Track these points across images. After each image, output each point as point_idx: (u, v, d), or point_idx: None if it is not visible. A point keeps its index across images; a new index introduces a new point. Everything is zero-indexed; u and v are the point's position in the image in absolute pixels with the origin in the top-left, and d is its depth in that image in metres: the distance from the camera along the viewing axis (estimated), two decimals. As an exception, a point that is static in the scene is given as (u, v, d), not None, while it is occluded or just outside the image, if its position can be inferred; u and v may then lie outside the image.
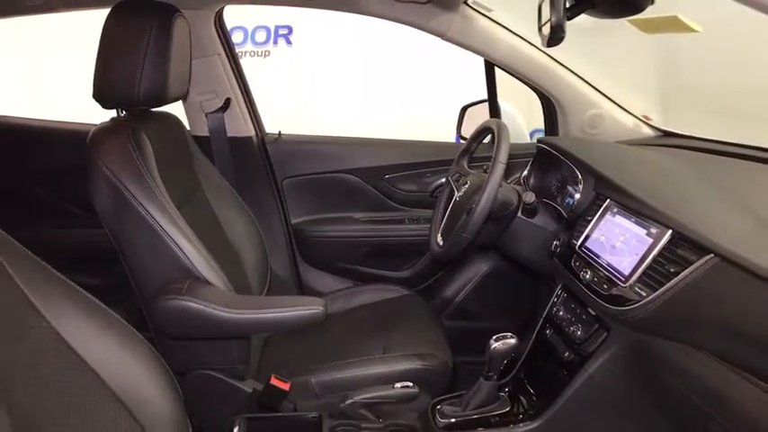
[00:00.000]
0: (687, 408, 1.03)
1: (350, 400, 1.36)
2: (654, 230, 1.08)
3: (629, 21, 1.20)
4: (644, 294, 1.04)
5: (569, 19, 1.10)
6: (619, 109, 1.82)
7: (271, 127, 2.00)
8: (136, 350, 0.86)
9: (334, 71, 4.06)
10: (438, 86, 3.87)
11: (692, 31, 1.17)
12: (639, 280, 1.07)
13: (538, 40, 1.60)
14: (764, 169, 1.36)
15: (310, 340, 1.55)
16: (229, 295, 1.28)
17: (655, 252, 1.06)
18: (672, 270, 1.00)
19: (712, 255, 0.93)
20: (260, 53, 4.06)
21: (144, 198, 1.18)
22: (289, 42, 4.20)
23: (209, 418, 1.36)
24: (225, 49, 1.77)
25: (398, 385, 1.37)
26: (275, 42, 4.20)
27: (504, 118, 1.95)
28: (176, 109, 1.50)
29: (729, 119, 1.90)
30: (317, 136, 2.03)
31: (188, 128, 1.65)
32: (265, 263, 1.67)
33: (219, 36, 1.74)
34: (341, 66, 4.05)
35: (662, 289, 1.00)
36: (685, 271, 0.97)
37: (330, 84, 4.06)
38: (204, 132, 1.80)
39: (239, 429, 1.29)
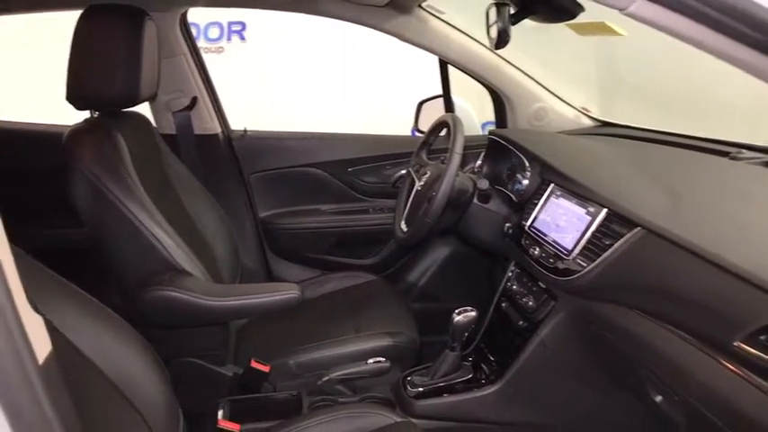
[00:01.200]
0: (622, 359, 1.19)
1: (326, 378, 1.47)
2: (592, 209, 1.24)
3: (565, 24, 1.34)
4: (584, 265, 1.19)
5: (513, 24, 1.24)
6: (561, 102, 1.99)
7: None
8: (128, 340, 0.92)
9: (289, 67, 4.09)
10: (393, 81, 3.96)
11: (618, 35, 1.33)
12: (580, 253, 1.22)
13: (487, 41, 1.75)
14: (687, 154, 1.54)
15: (285, 325, 1.65)
16: (209, 284, 1.37)
17: (593, 228, 1.21)
18: (607, 243, 1.16)
19: (640, 228, 1.09)
20: (213, 49, 4.06)
21: (123, 196, 1.24)
22: (242, 38, 4.22)
23: (193, 403, 1.44)
24: (190, 50, 1.84)
25: (371, 361, 1.49)
26: (229, 39, 4.21)
27: (458, 112, 2.08)
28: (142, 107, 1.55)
29: (658, 109, 2.10)
30: (282, 132, 2.12)
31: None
32: (236, 255, 1.75)
33: (184, 37, 1.81)
34: (295, 62, 4.09)
35: (599, 260, 1.16)
36: (618, 243, 1.13)
37: (285, 80, 4.10)
38: (171, 131, 1.86)
39: (224, 412, 1.38)
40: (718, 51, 0.56)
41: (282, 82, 4.07)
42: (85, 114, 1.36)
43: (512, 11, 1.22)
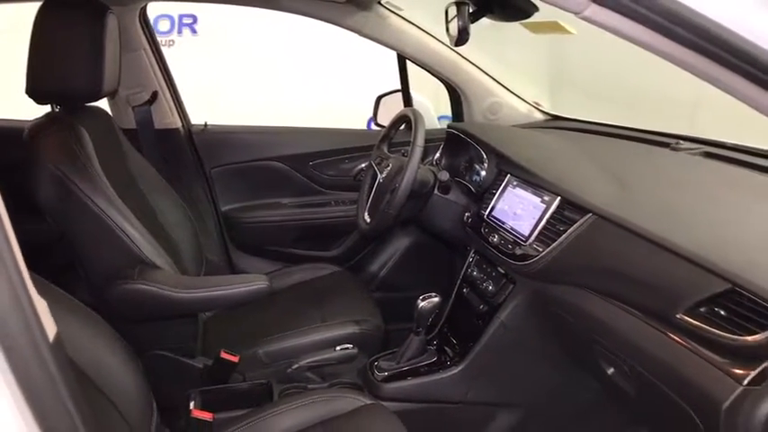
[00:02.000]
0: (577, 337, 1.28)
1: (296, 365, 1.51)
2: (546, 198, 1.32)
3: (519, 23, 1.42)
4: (540, 250, 1.27)
5: (472, 22, 1.30)
6: (514, 97, 2.08)
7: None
8: (100, 333, 0.94)
9: (241, 61, 4.06)
10: (345, 74, 3.99)
11: (569, 33, 1.41)
12: (537, 239, 1.30)
13: (444, 37, 1.81)
14: (631, 145, 1.65)
15: (252, 316, 1.67)
16: (178, 277, 1.38)
17: (547, 215, 1.30)
18: (561, 228, 1.24)
19: (591, 214, 1.18)
20: (164, 43, 3.98)
21: (91, 191, 1.24)
22: (194, 32, 4.15)
23: (164, 395, 1.45)
24: (150, 45, 1.82)
25: (338, 348, 1.54)
26: (180, 32, 4.13)
27: (416, 106, 2.14)
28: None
29: (605, 104, 2.22)
30: (243, 126, 2.13)
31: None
32: (199, 249, 1.76)
33: (144, 32, 1.80)
34: (248, 55, 4.06)
35: (554, 244, 1.24)
36: (571, 228, 1.21)
37: (237, 73, 4.06)
38: (131, 125, 1.85)
39: (195, 402, 1.40)
40: (663, 53, 0.64)
41: (234, 76, 4.03)
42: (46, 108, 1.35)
43: (471, 9, 1.28)
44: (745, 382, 0.83)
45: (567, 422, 1.52)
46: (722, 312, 0.89)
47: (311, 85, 4.05)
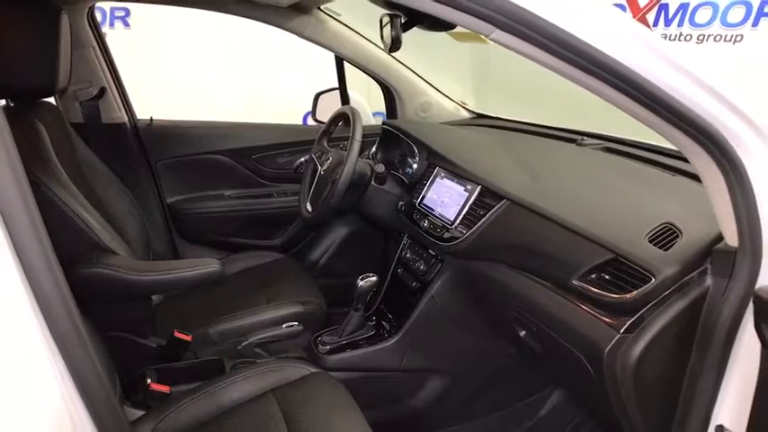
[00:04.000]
0: (495, 306, 1.48)
1: (245, 342, 1.63)
2: (469, 187, 1.51)
3: (446, 33, 1.60)
4: (464, 232, 1.46)
5: (404, 32, 1.46)
6: (443, 96, 2.27)
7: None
8: None
9: (175, 54, 4.04)
10: (281, 71, 4.05)
11: (485, 42, 1.60)
12: (461, 223, 1.49)
13: (378, 40, 1.97)
14: (543, 140, 1.87)
15: (202, 300, 1.77)
16: (134, 261, 1.47)
17: (470, 202, 1.49)
18: (481, 213, 1.44)
19: (506, 200, 1.38)
20: (96, 35, 3.91)
21: (50, 181, 1.31)
22: (126, 25, 4.10)
23: (122, 374, 1.53)
24: (97, 42, 1.88)
25: (285, 326, 1.68)
26: (111, 25, 4.07)
27: (352, 103, 2.30)
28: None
29: (525, 103, 2.45)
30: (188, 121, 2.20)
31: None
32: (147, 238, 1.84)
33: (92, 29, 1.85)
34: (182, 49, 4.04)
35: (475, 227, 1.43)
36: (489, 212, 1.41)
37: (170, 67, 4.04)
38: (78, 119, 1.90)
39: (151, 378, 1.49)
40: (551, 66, 0.82)
41: (166, 70, 4.00)
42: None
43: (402, 20, 1.44)
44: (622, 330, 1.04)
45: (489, 384, 1.73)
46: (607, 277, 1.10)
47: (245, 81, 4.08)
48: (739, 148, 0.84)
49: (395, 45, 1.47)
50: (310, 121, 3.82)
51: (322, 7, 1.95)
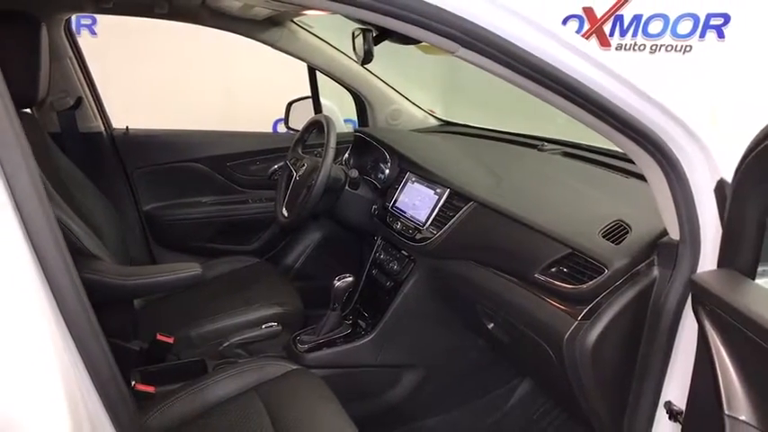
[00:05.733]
0: (464, 301, 1.57)
1: (226, 343, 1.68)
2: (438, 190, 1.60)
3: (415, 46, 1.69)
4: (435, 233, 1.56)
5: (376, 44, 1.55)
6: (412, 105, 2.37)
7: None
8: None
9: (143, 63, 4.03)
10: (250, 81, 4.08)
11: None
12: (432, 224, 1.58)
13: (349, 50, 2.06)
14: (507, 147, 1.98)
15: (182, 303, 1.81)
16: (118, 267, 1.51)
17: (440, 204, 1.58)
18: (450, 214, 1.53)
19: (473, 202, 1.47)
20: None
21: None
22: (93, 33, 4.08)
23: None
24: (74, 53, 1.91)
25: (264, 326, 1.74)
26: (78, 33, 4.04)
27: (325, 111, 2.37)
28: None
29: (490, 112, 2.57)
30: (163, 129, 2.24)
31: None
32: (125, 245, 1.87)
33: (69, 41, 1.88)
34: (151, 55, 4.03)
35: (444, 228, 1.53)
36: (458, 214, 1.51)
37: (137, 76, 4.03)
38: (55, 129, 1.92)
39: (135, 380, 1.53)
40: (517, 83, 0.91)
41: (133, 78, 3.99)
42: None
43: (374, 34, 1.53)
44: (579, 317, 1.14)
45: (461, 378, 1.82)
46: (565, 270, 1.20)
47: (215, 89, 4.10)
48: (677, 151, 0.95)
49: (367, 57, 1.56)
50: (280, 128, 3.87)
51: (295, 20, 2.02)
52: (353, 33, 1.64)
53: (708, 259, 1.00)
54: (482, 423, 1.80)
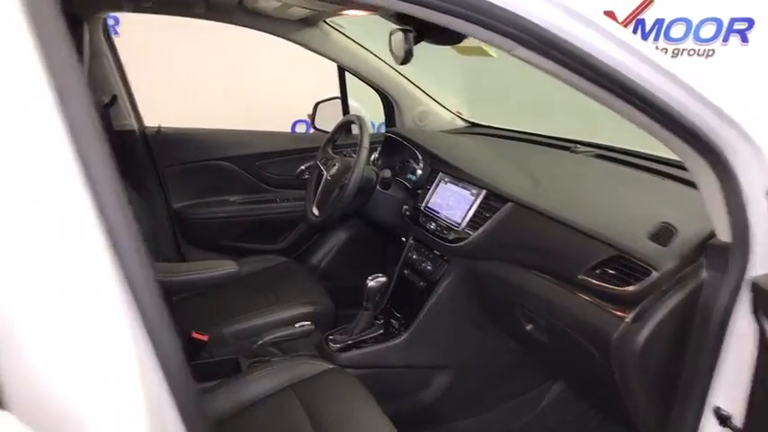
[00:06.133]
0: (501, 303, 1.57)
1: (260, 342, 1.69)
2: (474, 191, 1.60)
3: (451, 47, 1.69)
4: (471, 233, 1.55)
5: (415, 44, 1.55)
6: (440, 106, 2.37)
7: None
8: None
9: (167, 61, 4.05)
10: (268, 78, 4.09)
11: (490, 56, 1.71)
12: (468, 225, 1.58)
13: (378, 50, 2.07)
14: (539, 148, 1.98)
15: (214, 302, 1.82)
16: (160, 264, 1.52)
17: (476, 205, 1.58)
18: (487, 215, 1.53)
19: (511, 202, 1.47)
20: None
21: None
22: (116, 33, 4.11)
23: None
24: (110, 51, 1.93)
25: (297, 325, 1.74)
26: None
27: (352, 111, 2.38)
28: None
29: (516, 113, 2.57)
30: (195, 128, 2.26)
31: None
32: (155, 243, 1.89)
33: (106, 39, 1.90)
34: (173, 55, 4.06)
35: (481, 228, 1.53)
36: (495, 215, 1.50)
37: (164, 73, 4.05)
38: (91, 126, 1.93)
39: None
40: (571, 82, 0.91)
41: (160, 77, 4.01)
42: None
43: (414, 35, 1.53)
44: (627, 319, 1.14)
45: (493, 379, 1.82)
46: (611, 272, 1.19)
47: (235, 88, 4.12)
48: (730, 153, 0.95)
49: (407, 57, 1.57)
50: (298, 129, 3.89)
51: (327, 21, 2.03)
52: (391, 33, 1.65)
53: (759, 262, 0.99)
54: (514, 425, 1.80)
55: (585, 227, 1.26)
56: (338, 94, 2.39)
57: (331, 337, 1.77)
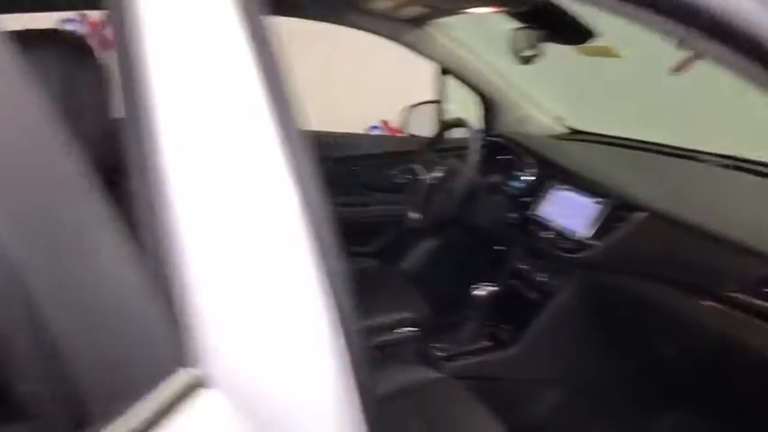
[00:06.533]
0: (629, 321, 1.46)
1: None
2: (599, 199, 1.50)
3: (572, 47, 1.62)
4: (595, 243, 1.46)
5: (540, 43, 1.49)
6: (541, 111, 2.28)
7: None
8: None
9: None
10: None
11: (618, 56, 1.62)
12: (594, 235, 1.48)
13: (480, 51, 2.01)
14: (654, 156, 1.85)
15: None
16: None
17: (600, 213, 1.48)
18: (614, 225, 1.43)
19: (643, 212, 1.37)
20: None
21: None
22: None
23: None
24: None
25: (399, 330, 1.69)
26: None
27: (448, 116, 2.32)
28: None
29: (619, 120, 2.44)
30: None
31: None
32: None
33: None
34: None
35: (608, 239, 1.43)
36: (623, 224, 1.40)
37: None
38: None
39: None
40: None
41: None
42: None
43: (538, 35, 1.47)
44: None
45: (606, 401, 1.70)
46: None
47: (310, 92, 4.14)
48: None
49: (534, 57, 1.51)
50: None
51: (432, 21, 1.98)
52: (514, 34, 1.59)
53: None
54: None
55: (740, 240, 1.15)
56: (428, 99, 2.34)
57: (435, 345, 1.71)
